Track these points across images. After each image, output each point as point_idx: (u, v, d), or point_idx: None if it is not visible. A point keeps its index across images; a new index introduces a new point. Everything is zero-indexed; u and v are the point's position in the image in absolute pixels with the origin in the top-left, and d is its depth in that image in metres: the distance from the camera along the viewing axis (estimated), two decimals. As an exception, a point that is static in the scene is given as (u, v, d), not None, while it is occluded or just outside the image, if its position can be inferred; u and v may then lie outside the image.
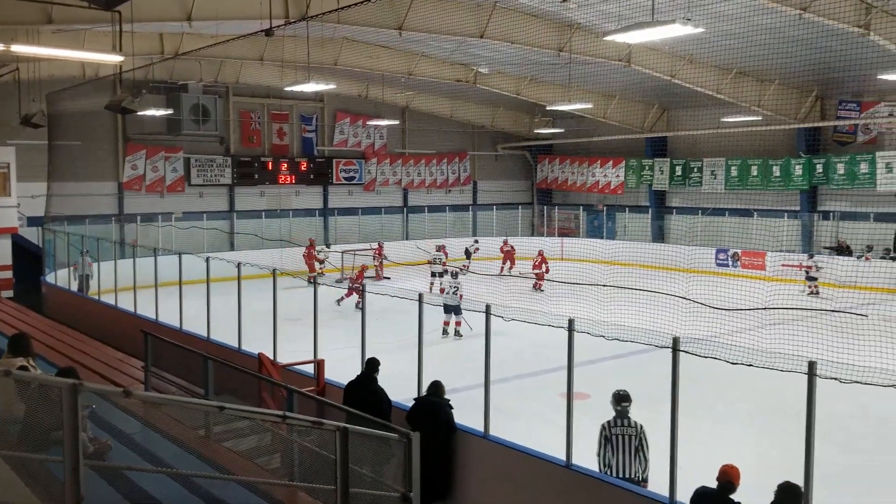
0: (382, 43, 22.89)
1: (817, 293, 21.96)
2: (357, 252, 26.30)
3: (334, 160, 31.32)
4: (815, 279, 22.45)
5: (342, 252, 25.76)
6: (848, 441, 10.28)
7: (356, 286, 20.04)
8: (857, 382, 6.23)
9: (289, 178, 30.17)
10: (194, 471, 6.43)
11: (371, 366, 8.93)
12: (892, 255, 23.41)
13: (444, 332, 16.57)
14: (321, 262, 24.38)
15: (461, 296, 16.86)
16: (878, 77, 18.61)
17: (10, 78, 21.69)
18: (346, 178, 31.73)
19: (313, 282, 12.23)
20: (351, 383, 9.01)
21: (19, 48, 14.17)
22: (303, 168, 30.48)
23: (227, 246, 27.87)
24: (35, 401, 4.95)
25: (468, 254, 29.02)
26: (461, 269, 26.61)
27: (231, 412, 5.27)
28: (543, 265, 24.10)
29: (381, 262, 26.07)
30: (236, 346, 12.30)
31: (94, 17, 14.00)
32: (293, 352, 11.32)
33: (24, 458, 4.85)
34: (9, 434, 5.32)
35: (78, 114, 24.70)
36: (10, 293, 21.50)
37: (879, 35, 16.60)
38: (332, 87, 21.88)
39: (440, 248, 24.02)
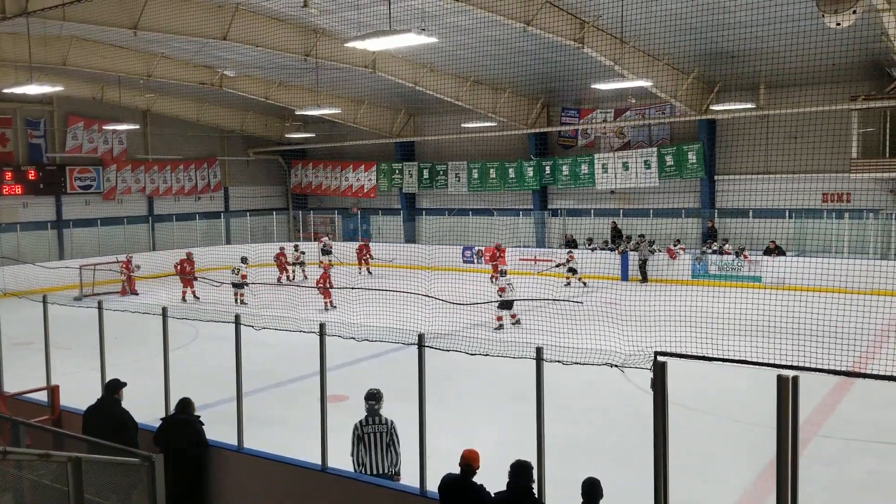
0: (116, 42, 21.62)
1: (585, 284, 23.44)
2: (97, 266, 24.55)
3: (67, 168, 28.92)
4: (575, 270, 23.97)
5: (80, 267, 23.86)
6: (575, 416, 11.42)
7: (323, 286, 19.14)
8: (577, 363, 7.01)
9: (15, 189, 27.38)
10: None
11: (112, 387, 8.42)
12: (609, 246, 26.24)
13: (500, 326, 17.41)
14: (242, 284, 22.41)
15: (510, 295, 17.65)
16: (593, 86, 20.69)
17: None
18: (81, 187, 29.41)
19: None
20: (90, 408, 8.44)
21: None
22: (31, 177, 27.79)
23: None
24: None
25: (326, 252, 28.57)
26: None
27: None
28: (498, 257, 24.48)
29: (129, 277, 24.57)
30: (-46, 378, 11.04)
31: None
32: (26, 379, 10.41)
33: None
34: None
35: None
36: None
37: (592, 48, 18.58)
38: (60, 88, 20.28)
39: (244, 259, 23.26)
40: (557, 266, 24.11)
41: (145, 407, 8.80)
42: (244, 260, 23.21)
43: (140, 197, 31.52)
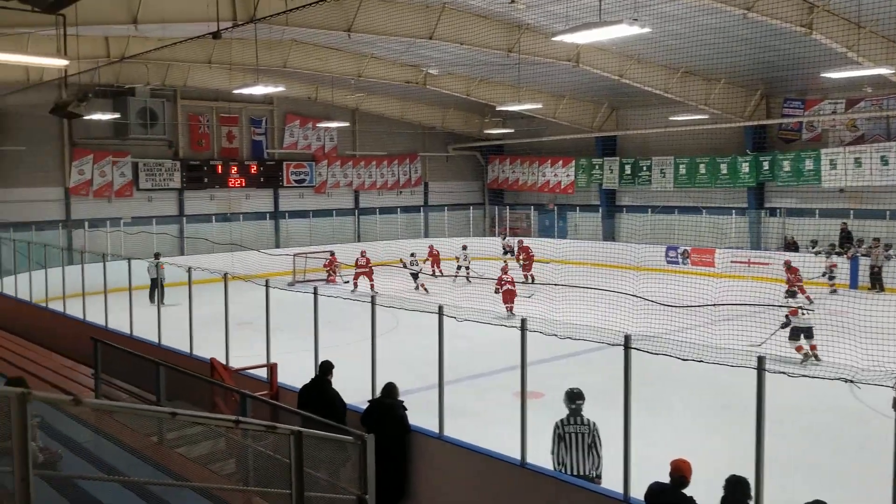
0: (331, 44, 22.77)
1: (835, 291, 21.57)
2: (308, 255, 26.19)
3: (284, 163, 31.08)
4: (834, 278, 22.05)
5: (293, 255, 25.60)
6: (795, 433, 10.52)
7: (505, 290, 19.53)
8: (805, 376, 6.41)
9: (239, 182, 29.85)
10: (147, 478, 6.34)
11: (324, 369, 8.87)
12: (837, 250, 24.02)
13: (805, 357, 13.90)
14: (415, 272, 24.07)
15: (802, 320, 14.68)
16: (822, 75, 19.03)
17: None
18: (296, 181, 31.49)
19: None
20: (305, 387, 8.95)
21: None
22: (253, 171, 30.17)
23: (177, 251, 27.50)
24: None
25: (509, 251, 28.46)
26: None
27: (183, 418, 5.20)
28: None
29: (334, 269, 25.95)
30: (188, 351, 12.13)
31: (37, 21, 13.66)
32: (246, 356, 11.21)
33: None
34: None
35: (22, 118, 24.14)
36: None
37: (822, 34, 17.03)
38: (281, 89, 21.67)
39: (413, 254, 24.35)
40: (823, 275, 22.06)
41: (350, 388, 9.14)
42: (413, 255, 24.10)
43: (347, 191, 33.22)
